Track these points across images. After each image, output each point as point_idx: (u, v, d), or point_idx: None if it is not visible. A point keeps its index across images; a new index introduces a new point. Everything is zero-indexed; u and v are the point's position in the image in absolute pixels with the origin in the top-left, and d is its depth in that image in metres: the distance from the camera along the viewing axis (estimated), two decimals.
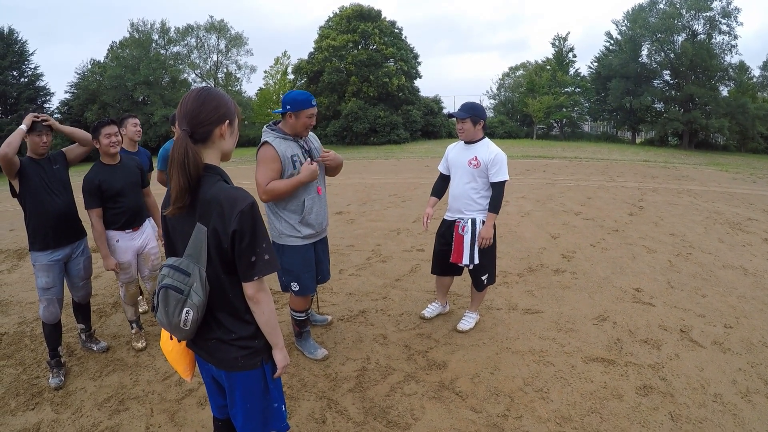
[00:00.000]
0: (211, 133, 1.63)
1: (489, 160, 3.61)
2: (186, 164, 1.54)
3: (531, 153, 22.92)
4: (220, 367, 1.75)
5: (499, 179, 3.64)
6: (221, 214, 1.56)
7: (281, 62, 36.79)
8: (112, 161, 3.62)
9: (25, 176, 3.27)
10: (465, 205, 3.72)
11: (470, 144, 3.73)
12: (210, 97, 1.63)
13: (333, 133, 30.95)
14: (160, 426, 2.90)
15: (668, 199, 10.33)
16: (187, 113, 1.60)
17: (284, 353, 1.81)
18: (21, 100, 31.39)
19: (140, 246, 3.83)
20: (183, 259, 1.63)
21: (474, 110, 3.64)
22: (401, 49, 32.35)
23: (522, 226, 7.74)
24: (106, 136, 3.51)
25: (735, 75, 31.71)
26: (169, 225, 1.74)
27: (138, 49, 35.74)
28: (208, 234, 1.58)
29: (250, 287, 1.63)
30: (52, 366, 3.46)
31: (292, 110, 3.16)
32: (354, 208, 9.55)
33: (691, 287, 4.97)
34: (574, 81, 36.50)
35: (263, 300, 1.66)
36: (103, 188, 3.50)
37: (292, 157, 3.19)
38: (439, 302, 4.33)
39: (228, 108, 1.67)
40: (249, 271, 1.61)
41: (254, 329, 1.73)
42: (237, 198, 1.57)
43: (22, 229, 8.77)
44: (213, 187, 1.60)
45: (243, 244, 1.58)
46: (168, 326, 1.65)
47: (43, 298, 3.40)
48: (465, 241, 3.66)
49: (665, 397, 3.08)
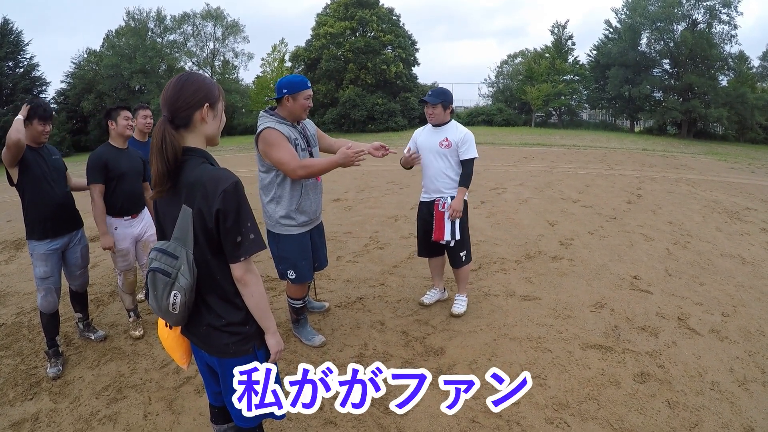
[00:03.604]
0: (191, 117, 1.63)
1: (459, 140, 3.82)
2: (164, 149, 1.55)
3: (529, 141, 22.86)
4: (212, 354, 1.74)
5: (469, 156, 3.84)
6: (205, 195, 1.55)
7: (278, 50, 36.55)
8: (122, 145, 3.73)
9: (25, 165, 3.25)
10: (443, 184, 3.87)
11: (439, 126, 3.93)
12: (189, 81, 1.63)
13: (331, 120, 30.84)
14: (158, 414, 2.90)
15: (666, 188, 10.32)
16: (167, 99, 1.62)
17: (277, 338, 1.79)
18: (17, 90, 31.09)
19: (139, 233, 3.84)
20: (170, 242, 1.62)
21: (444, 95, 3.87)
22: (399, 36, 32.18)
23: (520, 213, 7.73)
24: (125, 118, 3.66)
25: (734, 65, 31.51)
26: (158, 209, 1.74)
27: (134, 37, 35.47)
28: (194, 216, 1.57)
29: (238, 268, 1.62)
30: (50, 356, 3.46)
31: (289, 93, 3.15)
32: (352, 195, 9.53)
33: (688, 275, 4.98)
34: (573, 69, 36.25)
35: (251, 282, 1.65)
36: (109, 167, 3.58)
37: (294, 140, 3.18)
38: (437, 287, 4.37)
39: (208, 91, 1.65)
40: (235, 252, 1.60)
41: (244, 314, 1.71)
42: (220, 178, 1.57)
43: (19, 220, 8.71)
44: (196, 169, 1.60)
45: (228, 224, 1.57)
46: (158, 311, 1.65)
47: (40, 287, 3.38)
48: (445, 217, 3.82)
49: (662, 384, 3.09)
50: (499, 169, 13.22)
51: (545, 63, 35.21)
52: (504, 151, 18.28)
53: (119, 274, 3.83)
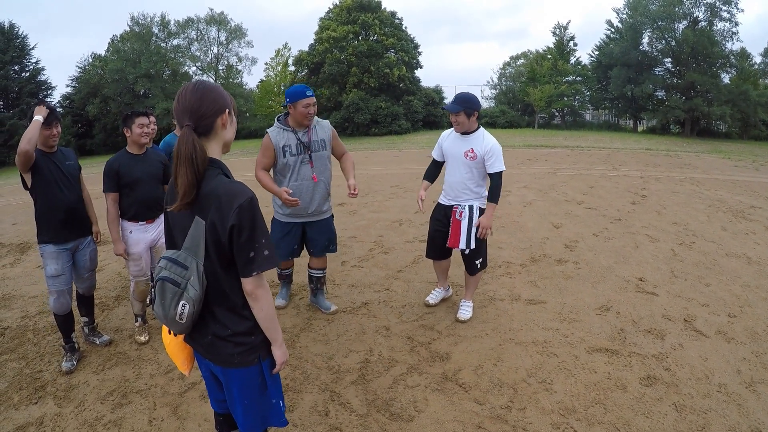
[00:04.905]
0: (213, 124, 1.63)
1: (485, 152, 3.68)
2: (194, 159, 1.53)
3: (533, 142, 22.80)
4: (217, 363, 1.74)
5: (496, 170, 3.69)
6: (219, 208, 1.55)
7: (282, 54, 36.59)
8: (138, 151, 3.74)
9: (37, 170, 3.28)
10: (464, 194, 3.82)
11: (466, 135, 3.77)
12: (207, 89, 1.63)
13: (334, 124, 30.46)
14: (162, 419, 2.90)
15: (671, 188, 10.29)
16: (187, 108, 1.59)
17: (283, 349, 1.80)
18: (23, 94, 31.25)
19: (154, 239, 3.85)
20: (181, 252, 1.62)
21: (466, 102, 3.64)
22: (402, 40, 32.16)
23: (524, 215, 7.71)
24: (140, 126, 3.66)
25: (736, 62, 31.37)
26: (169, 218, 1.74)
27: (139, 42, 35.55)
28: (207, 228, 1.57)
29: (249, 283, 1.61)
30: (67, 350, 3.54)
31: (290, 102, 3.59)
32: (356, 200, 9.50)
33: (694, 276, 4.95)
34: (575, 70, 36.17)
35: (262, 296, 1.65)
36: (120, 174, 3.60)
37: (284, 147, 3.67)
38: (441, 287, 4.38)
39: (225, 98, 1.67)
40: (248, 267, 1.59)
41: (251, 325, 1.71)
42: (236, 192, 1.56)
43: (24, 223, 8.79)
44: (212, 180, 1.59)
45: (242, 239, 1.57)
46: (164, 319, 1.64)
47: (52, 289, 3.42)
48: (462, 226, 3.76)
49: (669, 387, 3.07)
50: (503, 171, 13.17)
51: (547, 64, 35.15)
52: (507, 153, 18.11)
53: (132, 280, 3.85)
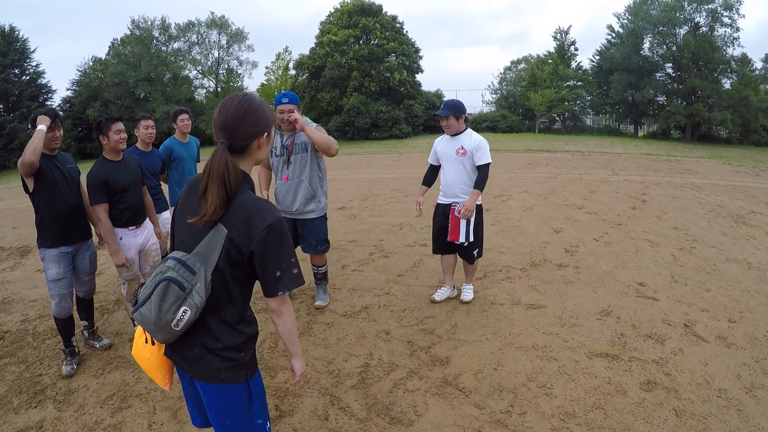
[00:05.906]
0: (249, 146, 1.61)
1: (473, 147, 4.13)
2: (227, 178, 1.51)
3: (533, 147, 22.83)
4: (200, 379, 1.66)
5: (483, 162, 4.12)
6: (248, 224, 1.53)
7: (282, 58, 36.79)
8: (117, 158, 3.65)
9: (40, 173, 3.27)
10: (460, 189, 4.20)
11: (456, 136, 4.24)
12: (251, 109, 1.59)
13: (335, 128, 30.88)
14: (162, 423, 2.89)
15: (671, 193, 10.29)
16: (226, 124, 1.56)
17: (302, 362, 1.84)
18: (23, 98, 31.27)
19: (142, 243, 3.85)
20: (191, 256, 1.56)
21: (454, 107, 4.16)
22: (402, 44, 32.24)
23: (525, 220, 7.71)
24: (117, 132, 3.56)
25: (737, 67, 31.45)
26: (178, 219, 1.70)
27: (139, 45, 35.60)
28: (226, 238, 1.53)
29: (274, 301, 1.62)
30: (67, 354, 3.55)
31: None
32: (356, 204, 9.53)
33: (694, 281, 4.95)
34: (576, 74, 36.27)
35: (286, 312, 1.67)
36: (109, 183, 3.51)
37: (273, 148, 3.97)
38: (447, 285, 4.61)
39: (267, 119, 1.64)
40: (274, 286, 1.59)
41: (243, 340, 1.66)
42: (266, 211, 1.55)
43: (24, 227, 8.79)
44: (242, 194, 1.57)
45: (269, 259, 1.56)
46: (153, 324, 1.54)
47: (54, 293, 3.42)
48: (461, 221, 4.16)
49: (669, 392, 3.06)
50: (504, 176, 13.20)
51: (548, 69, 35.27)
52: (508, 158, 18.26)
53: (123, 284, 3.85)
